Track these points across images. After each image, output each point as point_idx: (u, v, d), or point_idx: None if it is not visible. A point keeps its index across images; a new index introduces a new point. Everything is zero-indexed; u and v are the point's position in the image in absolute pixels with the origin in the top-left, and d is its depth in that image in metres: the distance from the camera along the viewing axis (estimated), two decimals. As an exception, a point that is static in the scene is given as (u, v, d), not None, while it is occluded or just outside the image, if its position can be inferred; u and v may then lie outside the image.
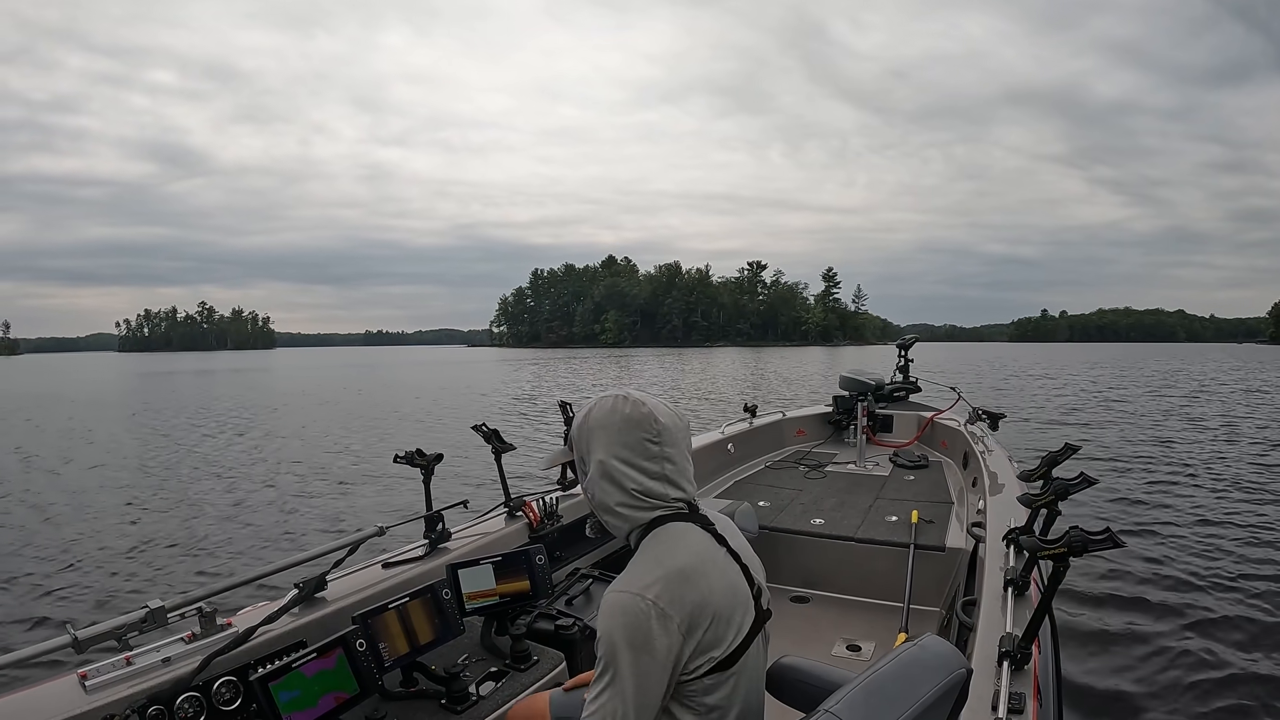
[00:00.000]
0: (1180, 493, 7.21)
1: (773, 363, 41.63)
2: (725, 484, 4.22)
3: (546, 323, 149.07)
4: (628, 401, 1.16)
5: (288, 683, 1.55)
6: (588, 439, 1.17)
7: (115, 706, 1.46)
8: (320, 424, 14.77)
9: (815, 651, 2.68)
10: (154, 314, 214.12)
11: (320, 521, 6.63)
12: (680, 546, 1.09)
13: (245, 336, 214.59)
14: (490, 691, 1.86)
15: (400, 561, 2.23)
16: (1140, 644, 3.72)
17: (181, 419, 16.20)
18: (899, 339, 6.02)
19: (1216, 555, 5.11)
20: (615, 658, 0.99)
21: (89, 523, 6.71)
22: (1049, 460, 1.98)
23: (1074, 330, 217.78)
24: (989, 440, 4.05)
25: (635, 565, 1.08)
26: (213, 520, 6.72)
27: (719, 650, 1.05)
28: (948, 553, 2.97)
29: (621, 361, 48.99)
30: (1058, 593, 1.34)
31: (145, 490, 8.23)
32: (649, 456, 1.13)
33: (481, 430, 2.57)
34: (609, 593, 1.05)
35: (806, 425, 5.46)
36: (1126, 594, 4.36)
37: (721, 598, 1.07)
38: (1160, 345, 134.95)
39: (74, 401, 22.40)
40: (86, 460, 10.42)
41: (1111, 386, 22.34)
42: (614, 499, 1.14)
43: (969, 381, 21.06)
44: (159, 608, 1.62)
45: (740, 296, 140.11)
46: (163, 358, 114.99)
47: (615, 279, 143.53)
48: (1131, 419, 14.07)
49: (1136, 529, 5.78)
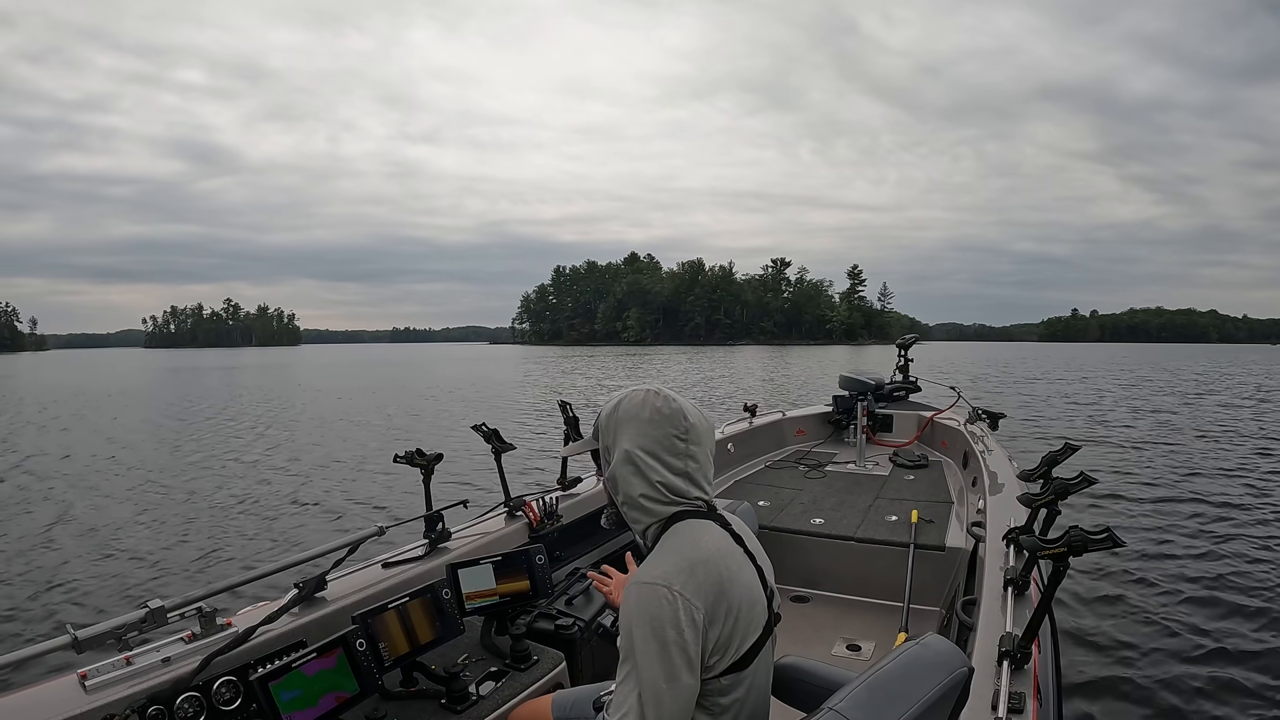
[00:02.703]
0: (1180, 492, 7.21)
1: (795, 361, 41.09)
2: (725, 484, 4.21)
3: (568, 320, 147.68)
4: (659, 396, 1.17)
5: (288, 682, 1.55)
6: (615, 429, 1.17)
7: (115, 706, 1.46)
8: (326, 422, 14.76)
9: (815, 651, 2.68)
10: (180, 311, 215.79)
11: (320, 521, 6.63)
12: (702, 540, 1.10)
13: (270, 333, 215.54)
14: (490, 691, 1.86)
15: (400, 561, 2.23)
16: (1140, 643, 3.72)
17: (184, 415, 16.21)
18: (899, 339, 6.01)
19: (1217, 554, 5.11)
20: (637, 648, 0.99)
21: (88, 523, 6.71)
22: (1049, 460, 1.97)
23: (1105, 330, 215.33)
24: (989, 440, 4.05)
25: (656, 556, 1.09)
26: (212, 520, 6.72)
27: (734, 648, 1.06)
28: (948, 552, 2.97)
29: (640, 360, 48.52)
30: (1058, 592, 1.34)
31: (144, 490, 8.22)
32: (675, 453, 1.14)
33: (481, 430, 2.57)
34: (631, 584, 1.05)
35: (806, 425, 5.46)
36: (1126, 593, 4.36)
37: (740, 595, 1.07)
38: (1193, 346, 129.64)
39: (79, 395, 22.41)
40: (85, 458, 10.42)
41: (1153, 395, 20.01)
42: (637, 490, 1.14)
43: (1001, 388, 19.91)
44: (159, 608, 1.62)
45: (764, 294, 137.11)
46: (186, 354, 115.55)
47: (638, 276, 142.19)
48: (1132, 419, 14.08)
49: (1136, 529, 5.79)
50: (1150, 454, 9.68)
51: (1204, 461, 9.07)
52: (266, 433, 13.41)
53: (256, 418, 16.12)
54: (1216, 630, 3.85)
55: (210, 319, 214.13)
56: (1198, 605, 4.20)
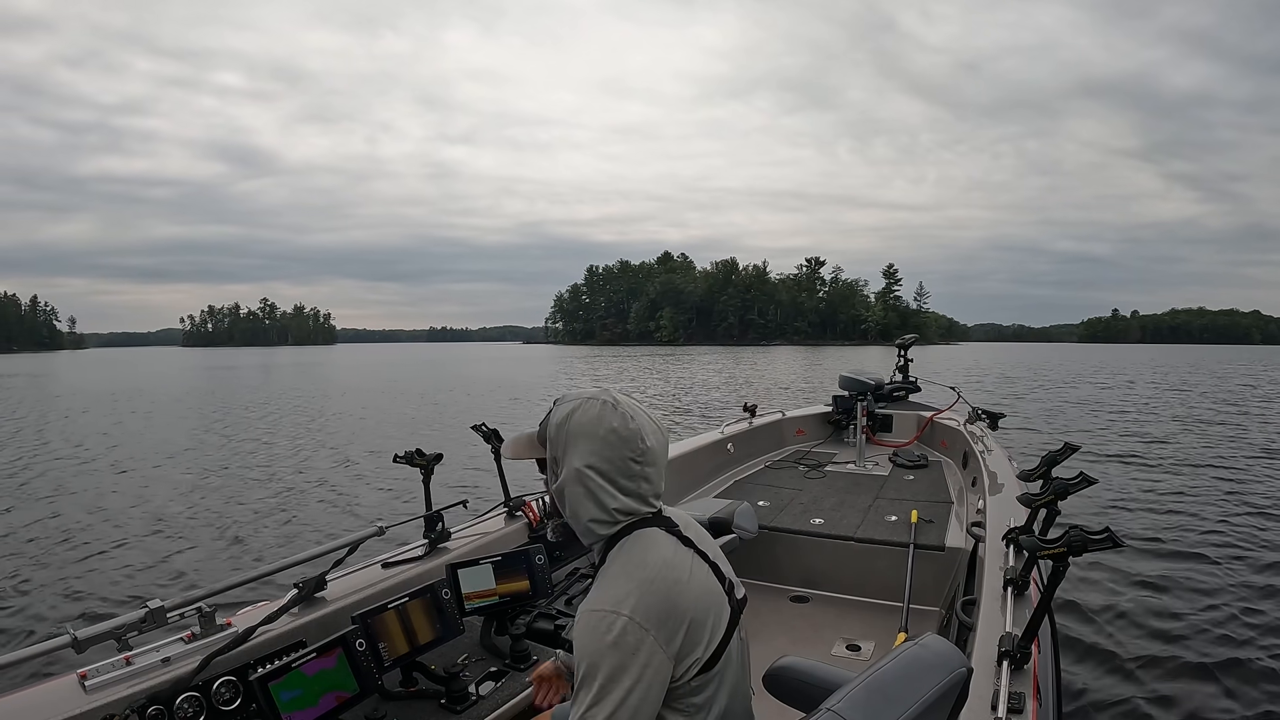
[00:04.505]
0: (1180, 492, 7.22)
1: (828, 362, 40.28)
2: (725, 484, 4.22)
3: (601, 320, 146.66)
4: (616, 412, 1.10)
5: (288, 682, 1.55)
6: (567, 442, 1.12)
7: (115, 706, 1.46)
8: (335, 421, 14.76)
9: (815, 651, 2.68)
10: (217, 310, 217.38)
11: (320, 521, 6.63)
12: (650, 556, 1.07)
13: (306, 332, 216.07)
14: (490, 691, 1.86)
15: (400, 561, 2.23)
16: (1140, 643, 3.72)
17: (191, 414, 16.22)
18: (899, 339, 6.01)
19: (1217, 555, 5.11)
20: (595, 676, 0.97)
21: (89, 522, 6.71)
22: (1049, 460, 1.97)
23: (1145, 331, 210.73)
24: (989, 440, 4.05)
25: (605, 580, 1.07)
26: (212, 519, 6.72)
27: (699, 653, 1.05)
28: (947, 552, 2.97)
29: (670, 360, 48.01)
30: (1057, 592, 1.34)
31: (143, 491, 8.22)
32: (629, 475, 1.10)
33: (481, 430, 2.58)
34: (583, 611, 1.03)
35: (806, 425, 5.46)
36: (1126, 594, 4.36)
37: (695, 601, 1.06)
38: (1235, 348, 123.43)
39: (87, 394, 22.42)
40: (86, 456, 10.43)
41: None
42: (587, 514, 1.11)
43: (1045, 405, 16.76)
44: (159, 608, 1.62)
45: (798, 294, 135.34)
46: (221, 353, 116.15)
47: (671, 276, 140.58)
48: (1134, 419, 14.09)
49: (1136, 529, 5.79)
50: (1150, 454, 9.68)
51: (1205, 461, 9.07)
52: (275, 429, 13.42)
53: (267, 415, 16.14)
54: (1217, 631, 3.85)
55: (247, 318, 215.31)
56: (1198, 605, 4.19)
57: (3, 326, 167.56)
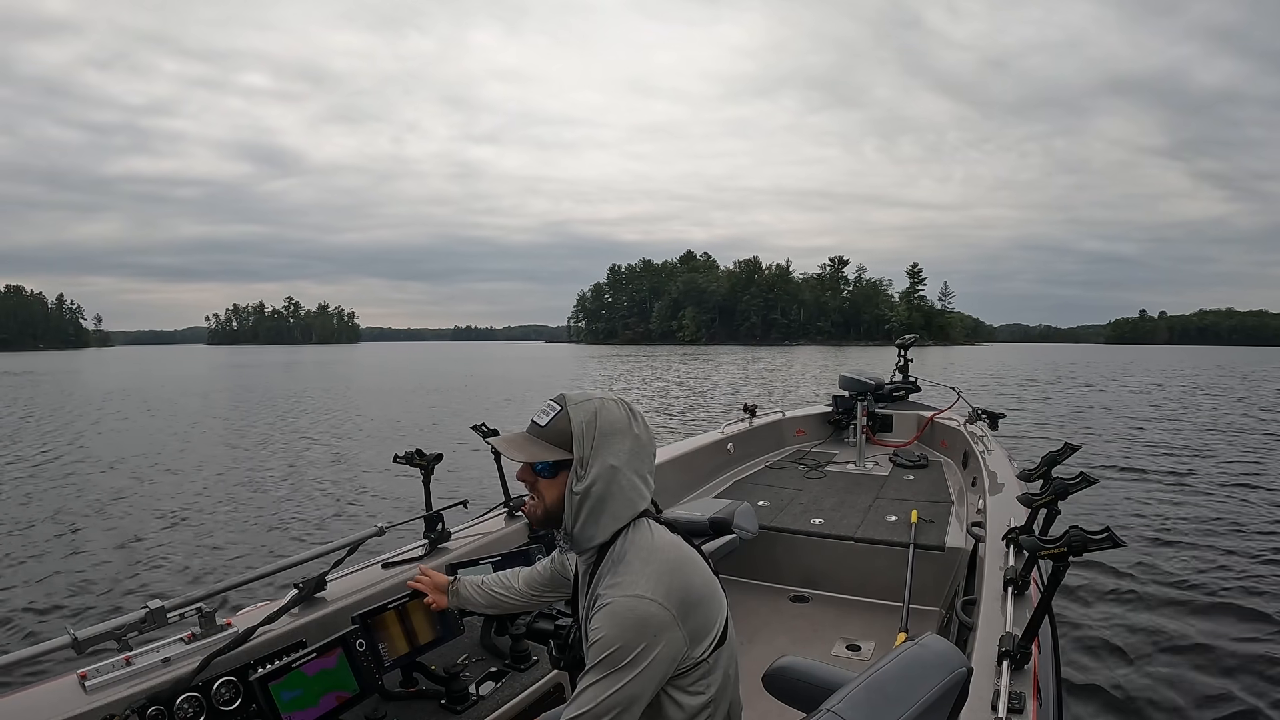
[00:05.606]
0: (1180, 492, 7.22)
1: (850, 361, 39.76)
2: (725, 484, 4.21)
3: (623, 319, 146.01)
4: (635, 419, 1.16)
5: (288, 682, 1.56)
6: (598, 440, 1.11)
7: (115, 707, 1.46)
8: (339, 421, 14.76)
9: (815, 651, 2.68)
10: (242, 309, 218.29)
11: (320, 521, 6.63)
12: (658, 542, 1.12)
13: (330, 331, 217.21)
14: (490, 691, 1.86)
15: (400, 561, 2.23)
16: (1140, 643, 3.72)
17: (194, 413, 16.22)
18: (899, 339, 6.01)
19: (1217, 554, 5.11)
20: (620, 656, 1.01)
21: (88, 522, 6.71)
22: (1049, 460, 1.97)
23: (1173, 332, 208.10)
24: (989, 440, 4.05)
25: (625, 567, 1.10)
26: (212, 519, 6.72)
27: (713, 628, 1.10)
28: (947, 552, 2.97)
29: (691, 360, 47.75)
30: (1057, 592, 1.34)
31: (139, 489, 8.22)
32: (649, 474, 1.18)
33: (481, 430, 2.57)
34: (614, 597, 1.05)
35: (806, 425, 5.46)
36: (1126, 594, 4.36)
37: (702, 583, 1.11)
38: (1264, 350, 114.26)
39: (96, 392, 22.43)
40: (85, 455, 10.42)
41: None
42: (613, 511, 1.13)
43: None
44: (159, 608, 1.62)
45: (822, 293, 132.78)
46: (244, 351, 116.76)
47: (693, 275, 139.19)
48: (1134, 419, 14.07)
49: (1136, 529, 5.79)
50: (1150, 454, 9.68)
51: (1204, 461, 9.07)
52: (277, 427, 13.42)
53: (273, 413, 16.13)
54: (1217, 630, 3.85)
55: (271, 317, 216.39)
56: (1198, 605, 4.19)
57: (29, 324, 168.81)
